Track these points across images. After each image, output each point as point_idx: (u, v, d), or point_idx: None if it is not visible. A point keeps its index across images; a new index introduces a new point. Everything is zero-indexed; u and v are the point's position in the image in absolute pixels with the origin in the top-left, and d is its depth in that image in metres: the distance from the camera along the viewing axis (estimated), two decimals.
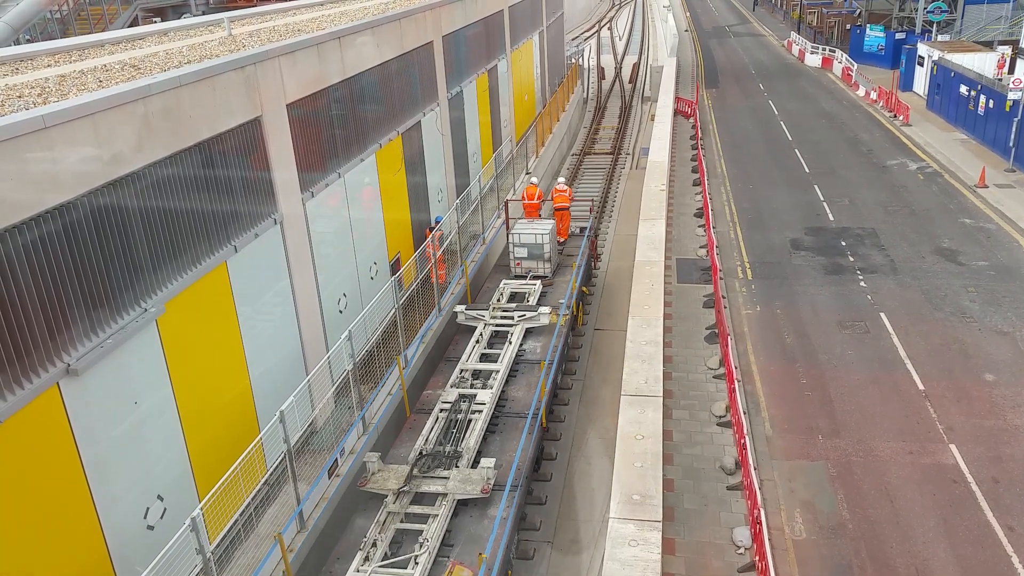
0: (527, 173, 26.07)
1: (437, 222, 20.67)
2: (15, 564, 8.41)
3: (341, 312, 16.19)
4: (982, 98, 32.03)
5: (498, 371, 15.42)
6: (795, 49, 58.08)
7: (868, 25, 51.96)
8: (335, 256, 16.07)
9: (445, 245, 19.50)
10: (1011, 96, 28.78)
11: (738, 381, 15.98)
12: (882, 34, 50.12)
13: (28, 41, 31.86)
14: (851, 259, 22.72)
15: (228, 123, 12.17)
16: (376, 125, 18.25)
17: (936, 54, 37.96)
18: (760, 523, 11.88)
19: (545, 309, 17.35)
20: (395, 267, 19.13)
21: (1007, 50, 34.91)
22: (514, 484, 12.57)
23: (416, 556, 10.90)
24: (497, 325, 17.23)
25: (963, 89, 34.05)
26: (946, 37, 44.16)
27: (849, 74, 47.19)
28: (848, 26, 57.00)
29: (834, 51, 52.18)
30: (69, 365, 9.08)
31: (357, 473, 13.23)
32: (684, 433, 15.59)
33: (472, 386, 15.05)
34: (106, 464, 9.65)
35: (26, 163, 8.54)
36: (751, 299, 20.81)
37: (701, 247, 24.36)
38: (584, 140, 41.22)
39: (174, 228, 11.01)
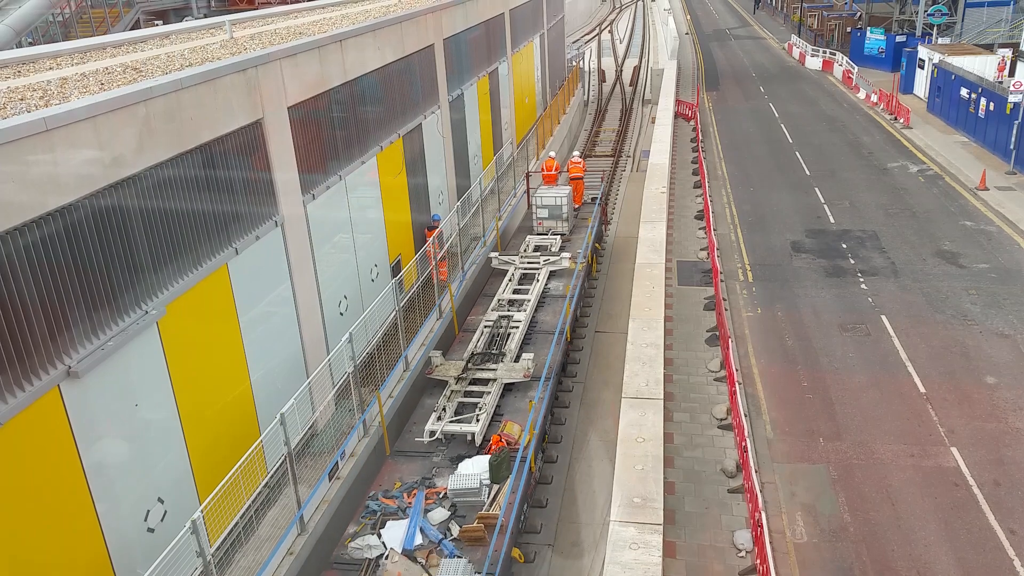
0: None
1: (436, 220, 20.86)
2: (15, 567, 8.40)
3: (342, 314, 16.19)
4: (983, 101, 32.04)
5: (529, 300, 18.60)
6: (796, 52, 58.11)
7: (869, 28, 52.01)
8: (336, 258, 16.07)
9: (446, 247, 19.59)
10: (1011, 99, 28.78)
11: (739, 384, 15.97)
12: (883, 37, 50.15)
13: (30, 44, 31.91)
14: (852, 261, 22.70)
15: (229, 125, 12.18)
16: (377, 127, 18.26)
17: (937, 57, 37.97)
18: (761, 526, 11.86)
19: (566, 254, 20.67)
20: (396, 269, 19.14)
21: (1007, 53, 34.94)
22: (547, 376, 15.63)
23: (477, 416, 14.20)
24: (526, 268, 20.30)
25: (964, 92, 34.05)
26: (946, 40, 44.21)
27: (850, 77, 47.21)
28: (849, 29, 57.04)
29: (835, 54, 52.20)
30: (70, 367, 9.07)
31: (359, 477, 13.25)
32: (685, 436, 15.57)
33: (508, 311, 18.16)
34: (107, 467, 9.64)
35: (28, 165, 8.55)
36: (752, 301, 20.80)
37: (702, 249, 24.35)
38: (585, 143, 41.23)
39: (175, 230, 11.01)
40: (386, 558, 11.13)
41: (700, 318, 20.17)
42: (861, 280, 21.52)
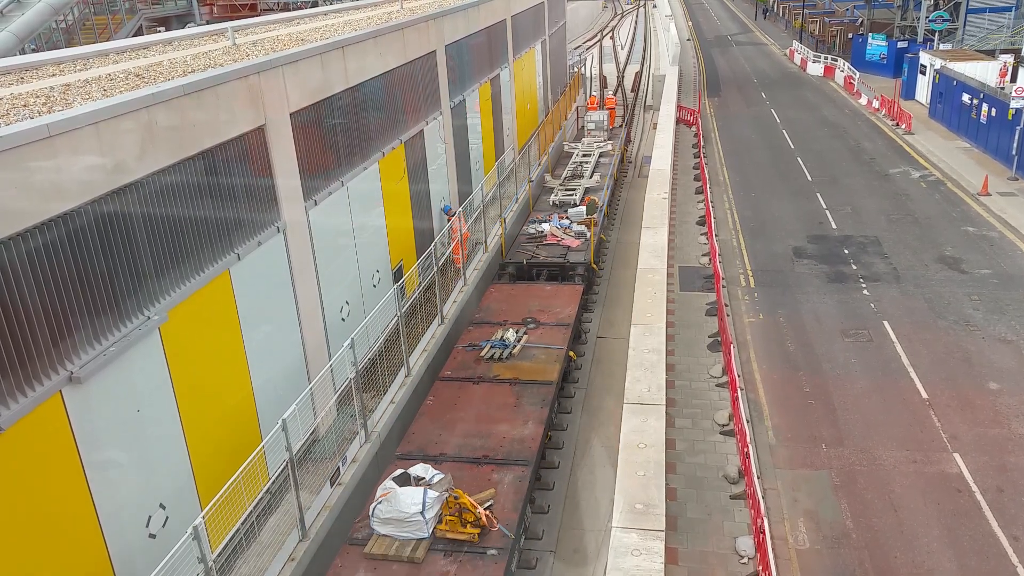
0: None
1: (447, 212, 22.11)
2: (17, 573, 8.39)
3: (344, 320, 16.20)
4: (984, 107, 32.06)
5: (591, 161, 31.20)
6: (797, 58, 58.18)
7: (870, 34, 52.06)
8: (338, 264, 16.09)
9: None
10: (1013, 105, 28.80)
11: (741, 389, 15.94)
12: (884, 43, 50.21)
13: (33, 50, 32.02)
14: (854, 267, 22.69)
15: (232, 132, 12.21)
16: (379, 133, 18.30)
17: (938, 63, 38.01)
18: (763, 532, 11.83)
19: (610, 143, 33.91)
20: (398, 275, 19.16)
21: (1009, 59, 34.92)
22: (608, 185, 28.33)
23: (576, 192, 27.20)
24: (584, 151, 32.77)
25: (965, 98, 34.08)
26: (948, 46, 44.21)
27: (851, 83, 47.25)
28: (850, 35, 57.12)
29: (836, 60, 52.26)
30: (72, 373, 9.09)
31: (360, 482, 13.25)
32: (687, 442, 15.55)
33: (580, 164, 31.06)
34: (108, 472, 9.64)
35: (30, 172, 8.57)
36: (754, 307, 20.79)
37: (704, 255, 24.35)
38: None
39: (177, 236, 11.04)
40: (545, 230, 23.63)
41: (702, 324, 20.16)
42: (863, 286, 21.51)
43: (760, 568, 11.91)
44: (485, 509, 11.71)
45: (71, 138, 9.06)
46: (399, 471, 12.26)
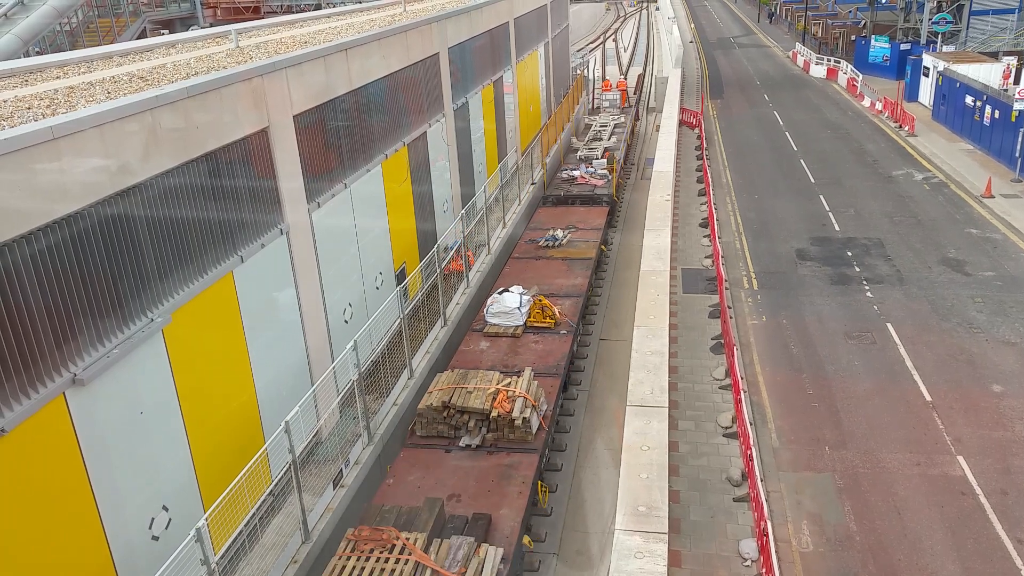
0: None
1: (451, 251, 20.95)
2: (20, 574, 8.40)
3: (347, 322, 16.21)
4: (988, 108, 32.01)
5: (608, 129, 37.87)
6: (800, 60, 58.15)
7: (873, 36, 52.02)
8: (341, 266, 16.10)
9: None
10: (1017, 106, 28.75)
11: (744, 392, 15.91)
12: (887, 45, 50.15)
13: (38, 53, 32.10)
14: (857, 269, 22.66)
15: (235, 134, 12.24)
16: (382, 136, 18.32)
17: (941, 65, 37.96)
18: (767, 535, 11.81)
19: (623, 116, 40.93)
20: (400, 276, 19.18)
21: (1012, 60, 34.87)
22: (622, 146, 34.96)
23: (597, 148, 34.23)
24: (602, 123, 38.96)
25: (968, 99, 34.03)
26: (951, 48, 44.15)
27: (854, 85, 47.21)
28: (853, 37, 57.07)
29: (839, 62, 52.22)
30: (75, 375, 9.10)
31: (363, 484, 13.25)
32: (690, 444, 15.53)
33: (598, 132, 37.66)
34: (111, 474, 9.66)
35: (34, 173, 8.60)
36: (757, 309, 20.76)
37: (706, 257, 24.33)
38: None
39: (181, 238, 11.06)
40: (576, 175, 30.12)
41: (705, 326, 20.14)
42: (866, 288, 21.47)
43: (763, 571, 11.89)
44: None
45: (75, 140, 9.09)
46: (501, 288, 19.01)
